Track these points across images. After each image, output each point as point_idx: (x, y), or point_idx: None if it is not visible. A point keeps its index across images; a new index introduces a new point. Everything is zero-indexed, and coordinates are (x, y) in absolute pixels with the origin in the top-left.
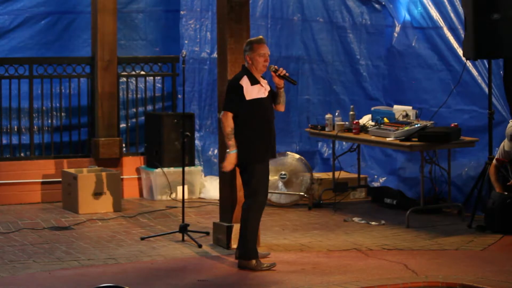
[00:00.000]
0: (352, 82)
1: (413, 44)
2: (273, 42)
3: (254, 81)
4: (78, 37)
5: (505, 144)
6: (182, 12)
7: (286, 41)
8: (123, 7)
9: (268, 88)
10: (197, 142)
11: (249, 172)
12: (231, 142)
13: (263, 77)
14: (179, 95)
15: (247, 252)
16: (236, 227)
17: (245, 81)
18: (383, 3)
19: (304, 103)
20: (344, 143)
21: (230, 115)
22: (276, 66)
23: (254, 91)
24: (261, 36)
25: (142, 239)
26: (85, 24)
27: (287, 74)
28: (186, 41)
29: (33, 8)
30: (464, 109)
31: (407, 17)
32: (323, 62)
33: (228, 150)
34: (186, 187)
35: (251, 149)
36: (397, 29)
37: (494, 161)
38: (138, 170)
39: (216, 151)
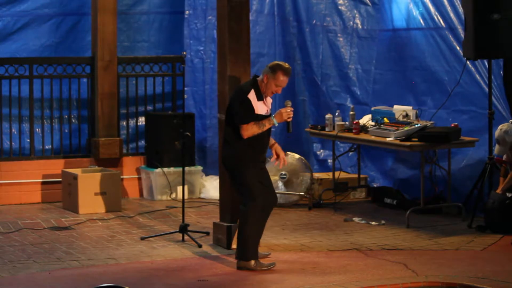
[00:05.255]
0: (341, 86)
1: (412, 45)
2: (279, 40)
3: (260, 97)
4: (82, 39)
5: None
6: (186, 12)
7: (287, 40)
8: (127, 9)
9: (270, 107)
10: (203, 142)
11: (237, 178)
12: (266, 122)
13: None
14: (185, 95)
15: (246, 253)
16: (236, 227)
17: (252, 96)
18: (384, 5)
19: (300, 104)
20: (340, 143)
21: (246, 126)
22: (290, 104)
23: (258, 107)
24: (288, 65)
25: (142, 239)
26: (89, 26)
27: (290, 119)
28: (191, 41)
29: (36, 10)
30: (463, 110)
31: (408, 16)
32: (314, 65)
33: (275, 121)
34: (186, 187)
35: (237, 155)
36: (395, 30)
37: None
38: (138, 170)
39: None
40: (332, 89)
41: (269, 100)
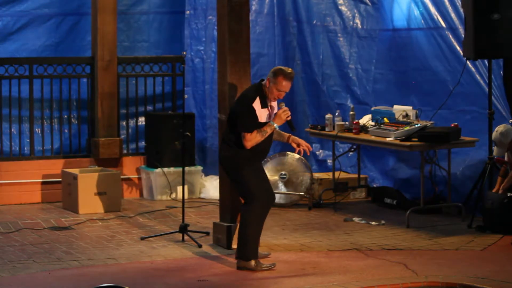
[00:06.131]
0: (341, 86)
1: (412, 45)
2: (279, 40)
3: (264, 104)
4: (82, 39)
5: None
6: (187, 12)
7: (287, 41)
8: (127, 9)
9: (275, 111)
10: (203, 142)
11: (236, 178)
12: (267, 128)
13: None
14: (186, 95)
15: (246, 253)
16: (236, 227)
17: (257, 104)
18: (384, 4)
19: (300, 104)
20: (339, 144)
21: (250, 136)
22: (284, 105)
23: (262, 115)
24: (291, 70)
25: (142, 239)
26: (89, 26)
27: (289, 118)
28: (191, 41)
29: (36, 10)
30: (466, 110)
31: (409, 16)
32: (314, 64)
33: (275, 125)
34: (186, 187)
35: (237, 157)
36: (395, 30)
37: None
38: (138, 170)
39: None
40: (332, 89)
41: (274, 104)
